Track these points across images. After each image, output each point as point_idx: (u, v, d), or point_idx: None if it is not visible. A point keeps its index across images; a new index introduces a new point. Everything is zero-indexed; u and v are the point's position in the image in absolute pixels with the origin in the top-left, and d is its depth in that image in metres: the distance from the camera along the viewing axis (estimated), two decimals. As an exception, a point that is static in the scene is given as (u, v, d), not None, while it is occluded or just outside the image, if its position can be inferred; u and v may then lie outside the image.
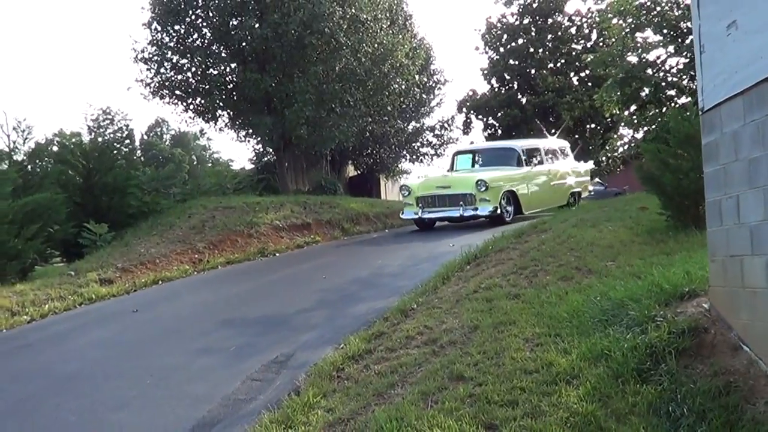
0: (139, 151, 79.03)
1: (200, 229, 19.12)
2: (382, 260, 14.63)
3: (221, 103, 29.43)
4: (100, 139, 23.80)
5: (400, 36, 28.72)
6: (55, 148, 23.00)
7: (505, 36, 38.10)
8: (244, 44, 27.24)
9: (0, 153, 19.05)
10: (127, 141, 37.37)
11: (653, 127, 24.64)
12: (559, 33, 37.29)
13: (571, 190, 23.67)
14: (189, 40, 28.33)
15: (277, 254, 18.40)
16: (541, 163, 22.31)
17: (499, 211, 19.16)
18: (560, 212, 19.10)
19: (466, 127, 40.80)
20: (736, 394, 5.06)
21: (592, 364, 6.10)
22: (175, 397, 7.50)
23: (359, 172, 44.23)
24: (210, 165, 72.57)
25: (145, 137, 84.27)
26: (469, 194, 19.19)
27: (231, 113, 30.47)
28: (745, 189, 5.26)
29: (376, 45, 27.06)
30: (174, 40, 28.39)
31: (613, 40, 26.61)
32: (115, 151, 23.56)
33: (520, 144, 22.58)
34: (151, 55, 28.39)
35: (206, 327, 10.42)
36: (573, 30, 37.85)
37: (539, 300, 8.51)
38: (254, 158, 38.49)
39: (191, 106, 29.81)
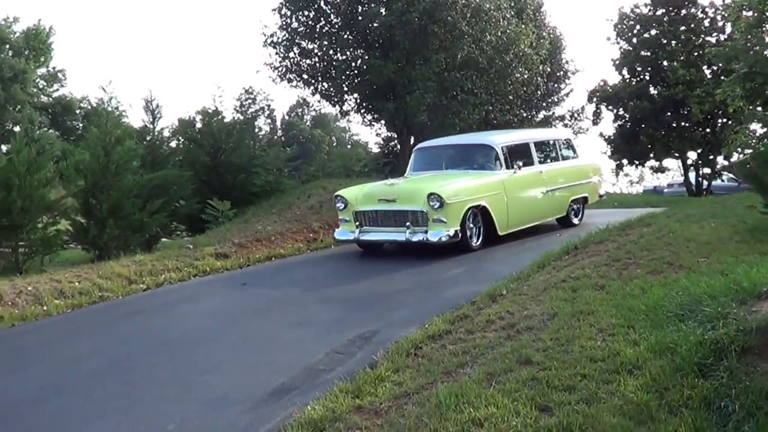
0: (279, 131, 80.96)
1: (317, 209, 19.67)
2: (486, 246, 14.79)
3: (347, 88, 30.00)
4: (227, 120, 24.54)
5: (523, 26, 28.68)
6: (198, 125, 23.95)
7: (638, 27, 37.44)
8: (369, 31, 27.70)
9: (131, 129, 19.94)
10: (256, 122, 38.24)
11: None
12: (692, 25, 36.44)
13: (573, 197, 17.66)
14: (317, 26, 28.93)
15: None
16: (530, 163, 16.53)
17: (460, 236, 13.85)
18: (674, 206, 18.46)
19: (596, 118, 40.33)
20: (789, 397, 5.13)
21: (657, 357, 6.23)
22: (262, 364, 7.99)
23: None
24: (349, 147, 73.22)
25: (287, 117, 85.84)
26: (419, 212, 13.97)
27: (357, 98, 31.03)
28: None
29: (499, 34, 27.11)
30: (303, 25, 29.05)
31: (740, 33, 25.76)
32: (237, 129, 24.27)
33: (500, 139, 16.56)
34: (280, 40, 29.17)
35: (307, 302, 10.87)
36: (706, 22, 36.96)
37: (622, 292, 8.63)
38: (381, 142, 39.03)
39: (319, 90, 30.49)
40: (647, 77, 38.06)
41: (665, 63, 36.73)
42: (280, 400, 6.65)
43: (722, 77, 33.93)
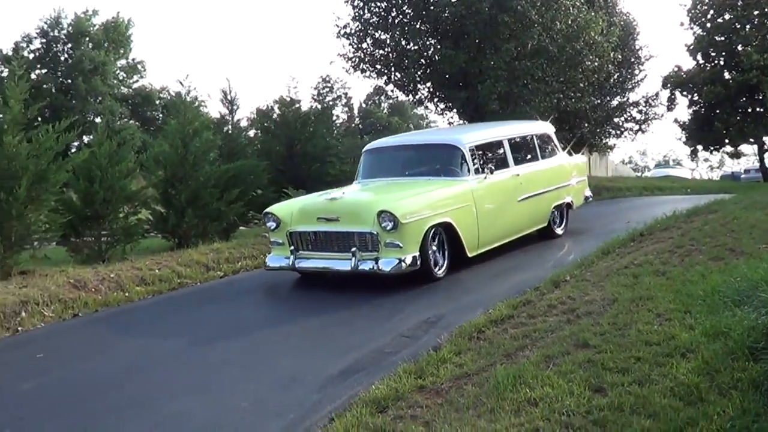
0: (357, 119, 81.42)
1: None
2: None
3: (419, 77, 30.28)
4: (304, 109, 25.03)
5: (594, 14, 28.52)
6: (275, 115, 24.48)
7: (711, 11, 36.94)
8: (440, 21, 27.90)
9: (208, 120, 20.48)
10: (333, 110, 38.72)
11: None
12: (766, 9, 35.82)
13: (555, 202, 14.86)
14: (390, 16, 29.20)
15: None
16: (504, 165, 13.72)
17: (419, 263, 10.98)
18: (744, 192, 18.08)
19: (671, 103, 39.85)
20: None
21: (710, 341, 6.46)
22: (333, 347, 8.40)
23: (562, 146, 44.21)
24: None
25: (364, 105, 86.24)
26: (368, 234, 11.08)
27: (430, 87, 31.27)
28: None
29: (569, 22, 27.03)
30: (375, 15, 29.35)
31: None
32: (312, 119, 24.71)
33: (468, 137, 13.37)
34: (352, 31, 29.52)
35: (376, 287, 11.16)
36: (781, 5, 36.34)
37: (683, 278, 8.83)
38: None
39: (392, 80, 30.80)
40: (721, 62, 37.53)
41: (739, 48, 36.18)
42: (347, 381, 7.01)
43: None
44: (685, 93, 38.86)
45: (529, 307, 8.73)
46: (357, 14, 29.34)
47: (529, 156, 14.88)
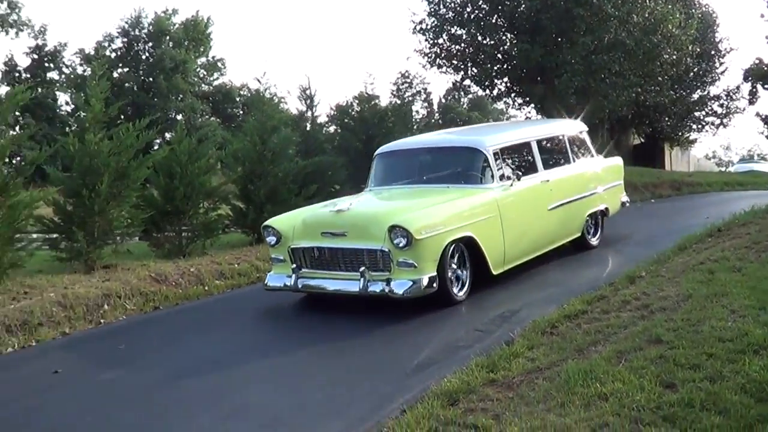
0: (437, 114, 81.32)
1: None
2: (629, 230, 14.91)
3: (496, 72, 30.30)
4: (383, 105, 25.27)
5: (670, 6, 28.19)
6: (354, 111, 24.75)
7: (793, 1, 36.34)
8: (516, 15, 27.88)
9: (287, 117, 20.78)
10: (413, 106, 38.98)
11: None
12: None
13: (589, 210, 13.27)
14: (465, 12, 29.25)
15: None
16: (532, 170, 12.20)
17: (436, 284, 9.57)
18: None
19: (752, 97, 39.26)
20: None
21: (785, 337, 6.41)
22: (404, 341, 8.55)
23: (642, 140, 43.82)
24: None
25: (443, 100, 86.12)
26: (379, 251, 9.72)
27: (507, 82, 31.28)
28: None
29: (645, 15, 26.78)
30: (451, 11, 29.44)
31: None
32: (389, 115, 24.85)
33: (492, 139, 11.84)
34: (429, 26, 29.65)
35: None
36: None
37: (759, 275, 8.74)
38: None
39: (468, 75, 30.87)
40: (806, 54, 36.79)
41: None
42: (421, 373, 7.16)
43: None
44: (767, 86, 38.17)
45: (603, 302, 8.75)
46: (433, 10, 29.52)
47: (560, 159, 13.17)
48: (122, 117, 41.32)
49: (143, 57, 61.97)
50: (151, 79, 60.36)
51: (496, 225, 10.69)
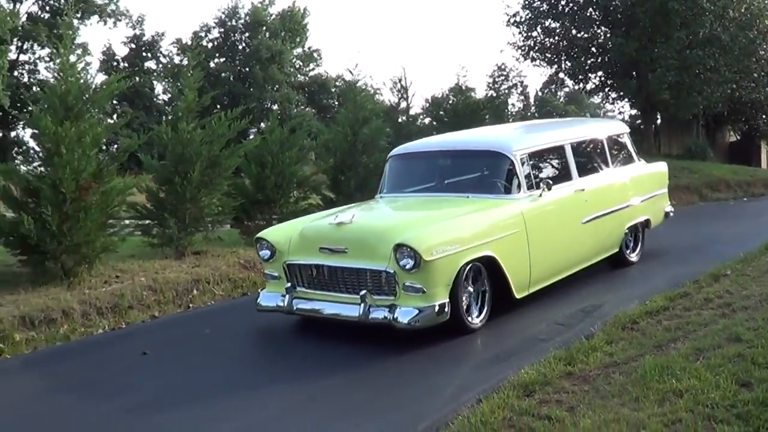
0: (533, 108, 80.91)
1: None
2: (718, 228, 14.76)
3: (589, 66, 30.14)
4: (478, 97, 25.43)
5: (767, 1, 27.61)
6: (448, 104, 24.95)
7: None
8: (610, 9, 27.66)
9: (379, 109, 20.95)
10: (509, 99, 39.00)
11: None
12: None
13: (629, 222, 11.72)
14: (560, 5, 29.12)
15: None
16: (565, 177, 10.72)
17: (448, 311, 8.29)
18: None
19: None
20: None
21: None
22: (484, 333, 8.65)
23: (738, 138, 43.01)
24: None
25: (539, 94, 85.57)
26: (383, 272, 8.41)
27: (601, 76, 31.07)
28: None
29: (741, 10, 26.30)
30: (546, 4, 29.34)
31: None
32: (482, 108, 24.91)
33: (519, 142, 10.46)
34: (522, 19, 29.61)
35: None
36: None
37: None
38: (628, 120, 38.66)
39: (562, 69, 30.76)
40: None
41: None
42: (500, 364, 7.31)
43: None
44: None
45: (685, 299, 8.76)
46: (527, 2, 29.54)
47: (597, 165, 11.57)
48: (218, 106, 42.02)
49: (240, 47, 62.84)
50: (247, 69, 61.20)
51: (522, 242, 9.28)
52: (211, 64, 57.72)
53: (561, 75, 31.49)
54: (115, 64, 57.64)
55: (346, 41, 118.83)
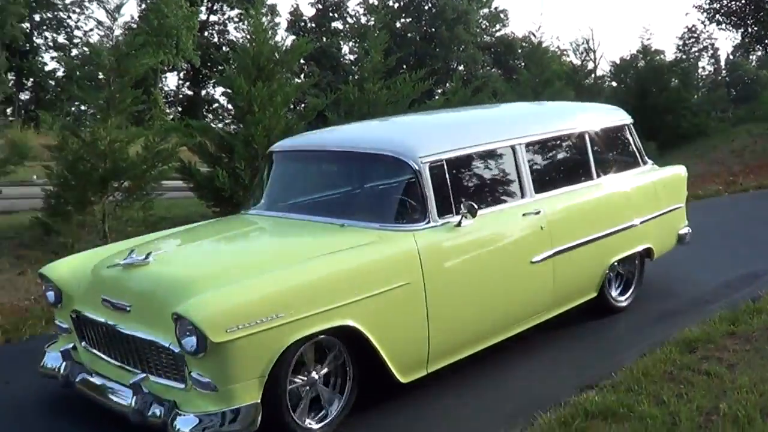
0: (724, 72, 78.36)
1: (739, 153, 19.61)
2: None
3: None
4: (663, 61, 25.06)
5: None
6: (641, 64, 24.79)
7: None
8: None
9: (561, 71, 21.01)
10: (695, 63, 38.06)
11: None
12: None
13: (618, 254, 7.74)
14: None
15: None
16: (510, 194, 6.89)
17: (258, 419, 5.03)
18: None
19: None
20: None
21: None
22: (650, 292, 8.56)
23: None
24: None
25: (731, 57, 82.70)
26: (166, 349, 5.18)
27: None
28: None
29: None
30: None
31: None
32: (666, 72, 24.55)
33: (429, 143, 6.39)
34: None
35: (713, 240, 11.02)
36: None
37: None
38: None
39: (747, 33, 29.82)
40: None
41: None
42: (666, 323, 7.47)
43: None
44: None
45: None
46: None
47: (571, 173, 7.70)
48: (404, 66, 42.69)
49: (425, 7, 63.42)
50: (433, 29, 61.78)
51: (414, 299, 5.88)
52: (397, 24, 58.49)
53: (746, 40, 30.46)
54: (302, 24, 59.34)
55: (533, 1, 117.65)
